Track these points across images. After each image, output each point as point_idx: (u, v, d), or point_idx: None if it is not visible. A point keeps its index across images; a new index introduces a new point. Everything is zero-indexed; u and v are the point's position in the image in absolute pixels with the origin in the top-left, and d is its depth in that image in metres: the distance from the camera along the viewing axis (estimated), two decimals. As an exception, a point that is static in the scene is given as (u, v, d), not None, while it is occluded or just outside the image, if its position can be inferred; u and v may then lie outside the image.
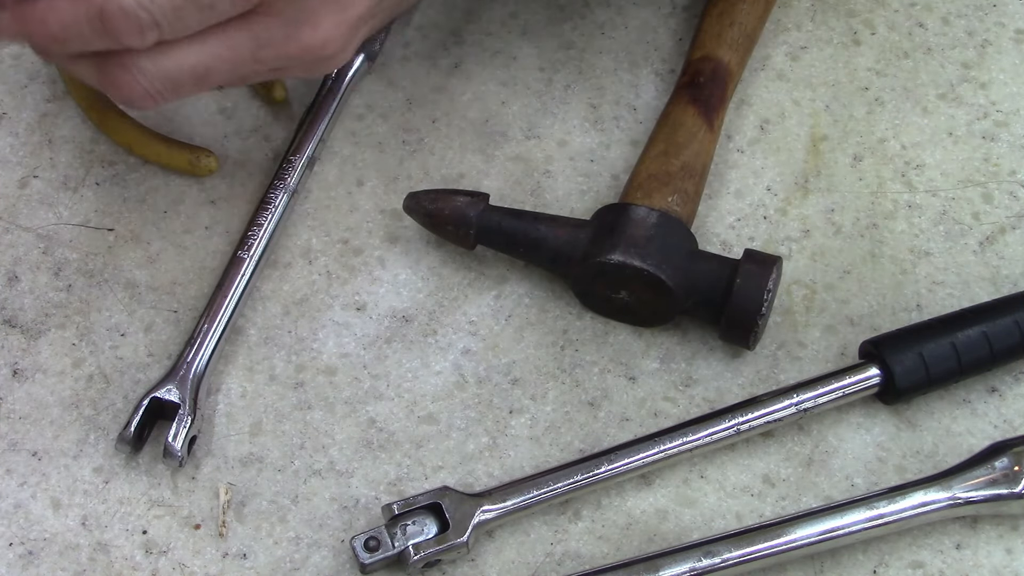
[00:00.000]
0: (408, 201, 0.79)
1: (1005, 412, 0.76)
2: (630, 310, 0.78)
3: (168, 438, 0.72)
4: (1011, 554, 0.71)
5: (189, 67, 0.66)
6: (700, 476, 0.74)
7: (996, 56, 0.89)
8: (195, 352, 0.75)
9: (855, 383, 0.74)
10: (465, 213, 0.78)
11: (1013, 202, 0.83)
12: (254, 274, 0.78)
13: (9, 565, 0.71)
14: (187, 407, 0.73)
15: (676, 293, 0.75)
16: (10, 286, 0.80)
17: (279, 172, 0.81)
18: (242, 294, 0.77)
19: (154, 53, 0.64)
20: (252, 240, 0.79)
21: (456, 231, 0.78)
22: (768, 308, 0.74)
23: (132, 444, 0.73)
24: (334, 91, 0.84)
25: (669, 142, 0.80)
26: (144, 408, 0.73)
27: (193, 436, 0.73)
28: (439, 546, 0.69)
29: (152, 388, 0.74)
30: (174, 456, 0.72)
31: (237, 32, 0.66)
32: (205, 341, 0.75)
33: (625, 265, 0.75)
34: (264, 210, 0.80)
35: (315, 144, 0.82)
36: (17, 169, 0.84)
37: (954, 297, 0.80)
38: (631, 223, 0.76)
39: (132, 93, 0.66)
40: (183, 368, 0.74)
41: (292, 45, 0.68)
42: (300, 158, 0.82)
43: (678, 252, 0.76)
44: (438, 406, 0.76)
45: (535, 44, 0.90)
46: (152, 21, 0.62)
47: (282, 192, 0.80)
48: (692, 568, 0.68)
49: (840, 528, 0.69)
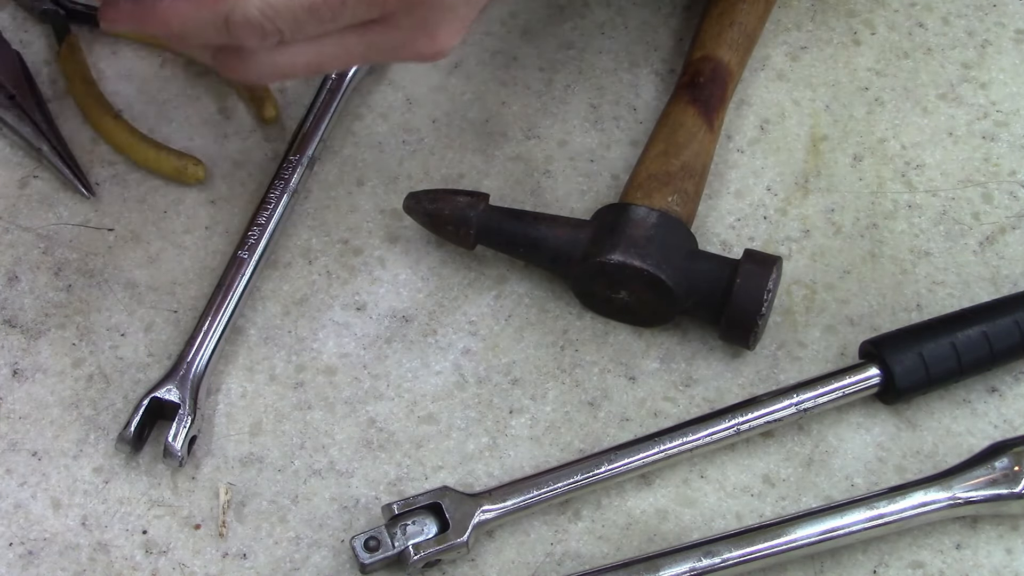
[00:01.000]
0: (408, 201, 0.79)
1: (1005, 412, 0.76)
2: (630, 310, 0.78)
3: (168, 438, 0.72)
4: (1011, 554, 0.71)
5: (303, 63, 0.67)
6: (700, 476, 0.74)
7: (996, 56, 0.89)
8: (195, 352, 0.75)
9: (855, 383, 0.74)
10: (465, 213, 0.78)
11: (1013, 202, 0.83)
12: (254, 274, 0.78)
13: (9, 565, 0.71)
14: (187, 407, 0.73)
15: (676, 293, 0.75)
16: (10, 286, 0.80)
17: (279, 172, 0.81)
18: (242, 294, 0.77)
19: (271, 50, 0.65)
20: (252, 240, 0.79)
21: (456, 231, 0.78)
22: (768, 308, 0.74)
23: (132, 444, 0.73)
24: (334, 91, 0.84)
25: (669, 142, 0.80)
26: (144, 408, 0.73)
27: (193, 436, 0.73)
28: (439, 546, 0.69)
29: (152, 388, 0.74)
30: (174, 456, 0.72)
31: (353, 37, 0.66)
32: (205, 341, 0.75)
33: (625, 265, 0.75)
34: (264, 209, 0.80)
35: (316, 144, 0.82)
36: (17, 169, 0.84)
37: (954, 297, 0.80)
38: (631, 223, 0.76)
39: (244, 78, 0.68)
40: (183, 368, 0.74)
41: (406, 52, 0.68)
42: (301, 158, 0.82)
43: (678, 252, 0.76)
44: (438, 406, 0.76)
45: (535, 44, 0.90)
46: (275, 30, 0.63)
47: (283, 192, 0.80)
48: (692, 568, 0.68)
49: (840, 528, 0.69)
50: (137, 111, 0.86)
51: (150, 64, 0.88)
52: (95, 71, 0.87)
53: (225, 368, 0.77)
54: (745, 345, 0.76)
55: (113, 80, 0.87)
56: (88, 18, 0.88)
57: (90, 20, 0.88)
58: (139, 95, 0.87)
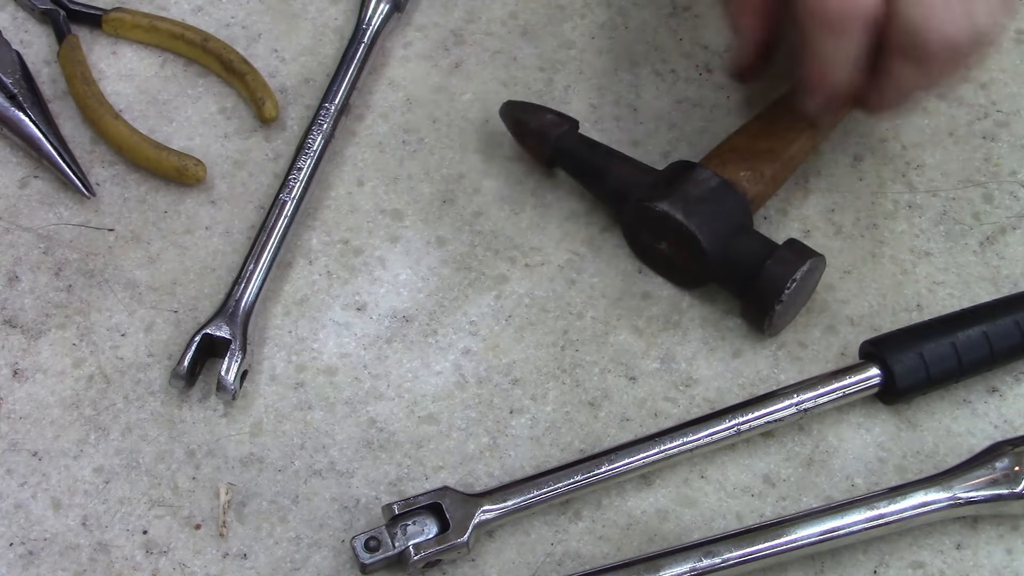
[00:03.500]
0: (504, 107, 0.83)
1: (1005, 412, 0.76)
2: (670, 265, 0.79)
3: (221, 372, 0.74)
4: (1011, 554, 0.71)
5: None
6: (700, 476, 0.74)
7: (996, 56, 0.89)
8: (243, 290, 0.77)
9: (855, 383, 0.74)
10: (547, 131, 0.81)
11: (1013, 202, 0.83)
12: (296, 215, 0.80)
13: (10, 565, 0.71)
14: (238, 342, 0.75)
15: (710, 257, 0.76)
16: (10, 286, 0.80)
17: (315, 119, 0.84)
18: (285, 233, 0.80)
19: None
20: (292, 183, 0.81)
21: (536, 145, 0.82)
22: (791, 298, 0.75)
23: (186, 379, 0.75)
24: (359, 38, 0.87)
25: (766, 125, 0.81)
26: (196, 344, 0.75)
27: (244, 371, 0.75)
28: (439, 546, 0.69)
29: (203, 325, 0.76)
30: (227, 390, 0.74)
31: None
32: (252, 279, 0.78)
33: (668, 216, 0.76)
34: (304, 154, 0.82)
35: (348, 90, 0.85)
36: (17, 169, 0.84)
37: (954, 297, 0.80)
38: (691, 180, 0.77)
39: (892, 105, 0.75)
40: (232, 306, 0.77)
41: None
42: (334, 104, 0.84)
43: (727, 221, 0.77)
44: (438, 406, 0.76)
45: (535, 44, 0.90)
46: None
47: (319, 136, 0.83)
48: (693, 568, 0.68)
49: (840, 528, 0.69)
50: (137, 111, 0.86)
51: (150, 64, 0.88)
52: (95, 71, 0.87)
53: (225, 368, 0.77)
54: (760, 328, 0.76)
55: (113, 80, 0.87)
56: (88, 18, 0.88)
57: (90, 20, 0.88)
58: (139, 95, 0.87)
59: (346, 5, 0.90)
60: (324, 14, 0.90)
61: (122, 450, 0.74)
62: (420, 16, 0.90)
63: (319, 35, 0.89)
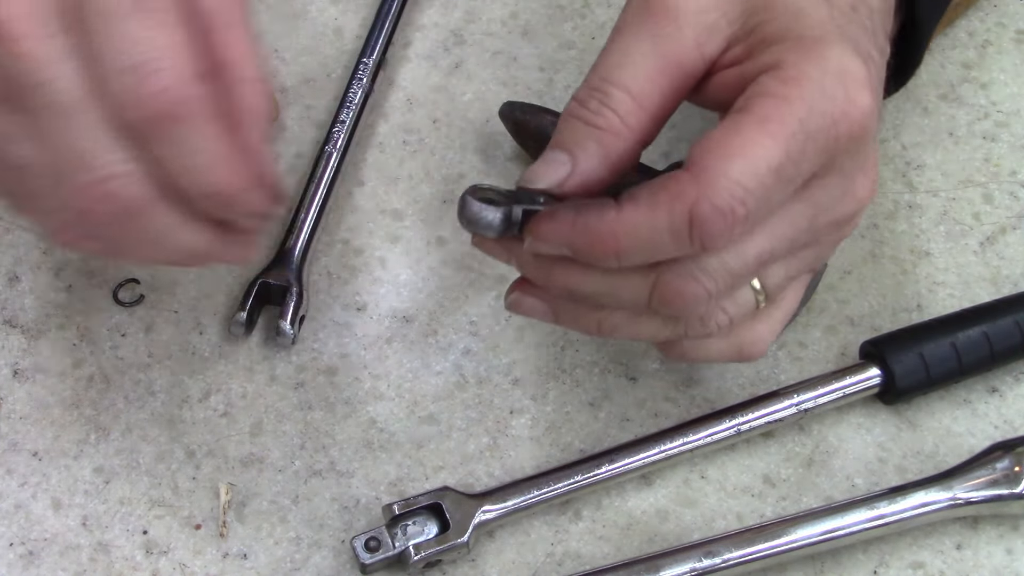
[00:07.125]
0: (504, 107, 0.83)
1: (1005, 412, 0.76)
2: None
3: (280, 318, 0.76)
4: (1012, 554, 0.71)
5: (753, 256, 0.58)
6: (701, 476, 0.74)
7: (996, 56, 0.89)
8: (296, 238, 0.79)
9: (855, 383, 0.74)
10: (547, 132, 0.80)
11: (1013, 202, 0.83)
12: (340, 168, 0.82)
13: (9, 565, 0.71)
14: (294, 288, 0.77)
15: None
16: (10, 286, 0.79)
17: (355, 73, 0.85)
18: (331, 183, 0.81)
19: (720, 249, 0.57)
20: (336, 135, 0.83)
21: (536, 146, 0.81)
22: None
23: (246, 326, 0.76)
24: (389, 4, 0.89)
25: None
26: (256, 291, 0.77)
27: (302, 316, 0.77)
28: (440, 546, 0.69)
29: (260, 273, 0.77)
30: (286, 335, 0.76)
31: (796, 203, 0.58)
32: (304, 228, 0.79)
33: None
34: (345, 107, 0.84)
35: (385, 45, 0.87)
36: (17, 169, 0.84)
37: (954, 297, 0.80)
38: None
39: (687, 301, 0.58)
40: (285, 254, 0.78)
41: (847, 202, 0.60)
42: (372, 59, 0.86)
43: None
44: (439, 406, 0.76)
45: (535, 44, 0.90)
46: (745, 215, 0.54)
47: (359, 90, 0.85)
48: (693, 568, 0.68)
49: (841, 528, 0.69)
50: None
51: (150, 64, 0.88)
52: (95, 71, 0.87)
53: (226, 368, 0.77)
54: None
55: (113, 80, 0.87)
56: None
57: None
58: (139, 95, 0.87)
59: (346, 5, 0.90)
60: (324, 14, 0.90)
61: (122, 450, 0.74)
62: (420, 16, 0.90)
63: (319, 35, 0.89)
